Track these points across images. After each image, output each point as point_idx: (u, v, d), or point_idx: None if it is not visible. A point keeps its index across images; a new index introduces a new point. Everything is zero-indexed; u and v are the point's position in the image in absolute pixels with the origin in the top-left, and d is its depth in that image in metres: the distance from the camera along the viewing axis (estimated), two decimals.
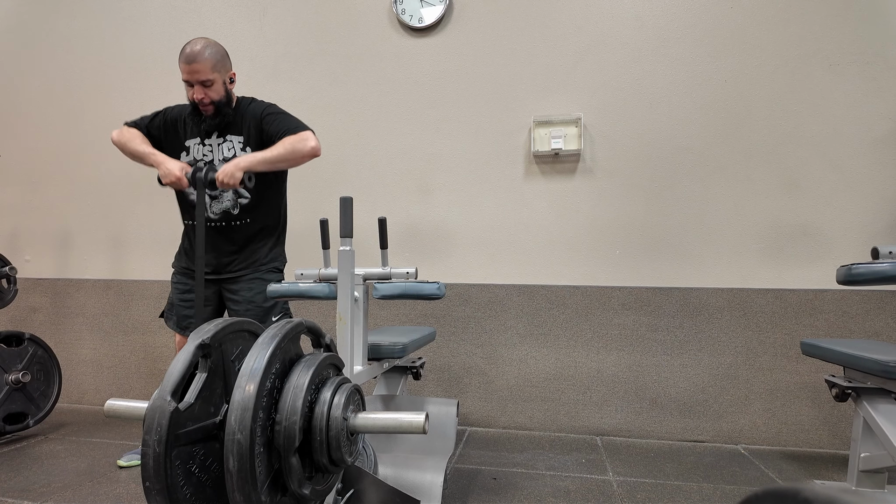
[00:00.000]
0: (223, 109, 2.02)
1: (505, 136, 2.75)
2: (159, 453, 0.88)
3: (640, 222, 2.61)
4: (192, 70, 1.92)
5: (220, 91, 1.98)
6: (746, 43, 2.54)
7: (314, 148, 1.98)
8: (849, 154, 2.45)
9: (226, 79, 2.01)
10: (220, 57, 1.98)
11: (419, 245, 2.81)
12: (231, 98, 2.05)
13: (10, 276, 2.59)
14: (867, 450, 1.71)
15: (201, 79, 1.93)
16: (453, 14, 2.81)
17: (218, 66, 1.96)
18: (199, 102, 1.97)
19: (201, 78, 1.93)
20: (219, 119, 2.03)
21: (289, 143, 1.96)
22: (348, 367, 1.53)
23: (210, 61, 1.93)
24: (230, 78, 2.04)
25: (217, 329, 1.02)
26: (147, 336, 3.11)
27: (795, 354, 2.45)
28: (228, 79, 2.03)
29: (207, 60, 1.93)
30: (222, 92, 2.00)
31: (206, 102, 1.97)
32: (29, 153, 3.33)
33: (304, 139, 1.97)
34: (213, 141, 2.07)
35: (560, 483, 1.99)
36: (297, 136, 1.98)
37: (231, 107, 2.05)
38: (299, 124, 2.03)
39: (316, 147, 1.98)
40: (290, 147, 1.96)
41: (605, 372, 2.61)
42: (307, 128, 2.03)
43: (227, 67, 2.01)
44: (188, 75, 1.94)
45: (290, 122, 2.03)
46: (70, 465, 2.19)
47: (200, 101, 1.97)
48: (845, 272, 1.44)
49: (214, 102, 1.98)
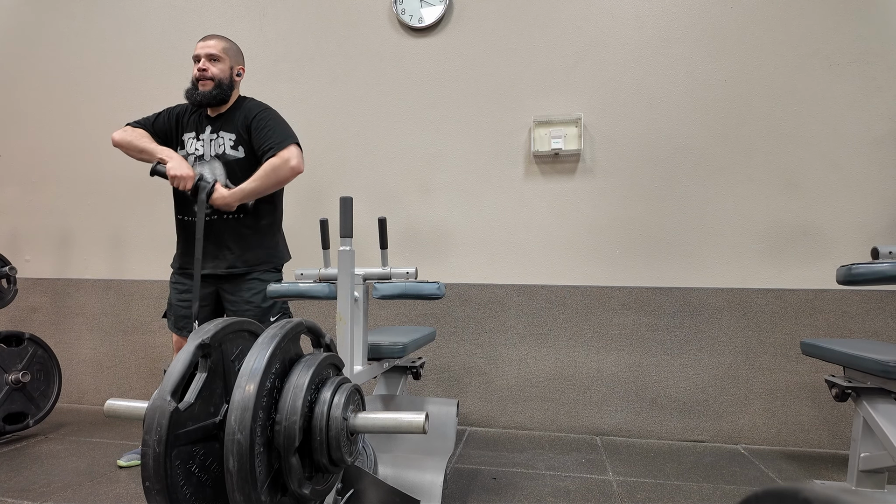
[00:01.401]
0: (221, 87, 2.05)
1: (505, 136, 2.75)
2: (159, 453, 0.88)
3: (640, 222, 2.61)
4: (204, 45, 2.06)
5: (224, 70, 2.06)
6: (746, 43, 2.54)
7: (294, 167, 2.01)
8: (849, 154, 2.45)
9: (233, 65, 2.09)
10: (234, 46, 2.12)
11: (419, 245, 2.81)
12: (233, 85, 2.10)
13: (10, 276, 2.59)
14: (867, 450, 1.71)
15: (209, 52, 2.04)
16: (453, 14, 2.81)
17: (229, 51, 2.08)
18: (201, 75, 2.03)
19: (210, 51, 2.04)
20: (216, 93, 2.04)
21: (270, 171, 1.99)
22: (348, 367, 1.53)
23: (223, 43, 2.08)
24: (238, 71, 2.12)
25: (217, 329, 1.02)
26: (147, 336, 3.11)
27: (795, 354, 2.45)
28: (236, 71, 2.11)
29: (222, 41, 2.09)
30: (227, 72, 2.07)
31: (207, 76, 2.03)
32: (29, 153, 3.33)
33: (285, 161, 1.99)
34: (207, 136, 2.09)
35: (560, 483, 1.99)
36: (278, 158, 1.99)
37: (230, 91, 2.09)
38: (284, 138, 2.03)
39: (296, 166, 2.01)
40: (271, 174, 2.00)
41: (605, 372, 2.61)
42: (292, 141, 2.04)
43: (237, 57, 2.13)
44: (199, 49, 2.05)
45: (274, 135, 2.03)
46: (70, 465, 2.19)
47: (202, 74, 2.03)
48: (845, 272, 1.44)
49: (214, 78, 2.04)
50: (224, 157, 2.07)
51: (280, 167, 1.99)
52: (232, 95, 2.10)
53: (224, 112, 2.10)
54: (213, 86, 2.03)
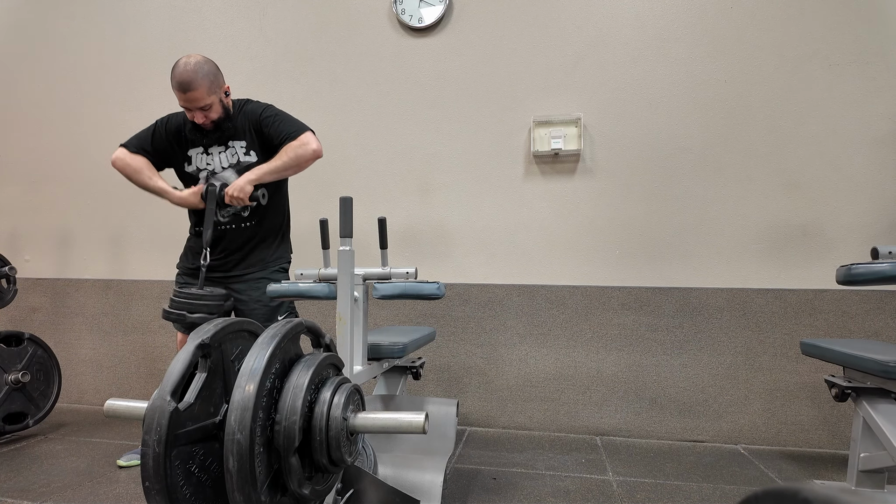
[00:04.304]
0: (223, 124, 2.04)
1: (505, 136, 2.75)
2: (159, 453, 0.88)
3: (640, 222, 2.61)
4: (188, 99, 1.93)
5: (218, 110, 2.00)
6: (746, 43, 2.54)
7: (316, 150, 2.01)
8: (849, 154, 2.45)
9: (221, 96, 2.01)
10: (213, 77, 1.96)
11: (419, 245, 2.81)
12: (229, 111, 2.06)
13: (10, 276, 2.59)
14: (867, 450, 1.71)
15: (199, 105, 1.94)
16: (453, 14, 2.81)
17: (213, 88, 1.96)
18: (202, 125, 2.00)
19: (199, 104, 1.94)
20: (219, 133, 2.05)
21: (291, 151, 1.99)
22: (348, 366, 1.53)
23: (205, 86, 1.92)
24: (226, 92, 2.04)
25: (217, 329, 1.02)
26: (147, 336, 3.11)
27: (795, 354, 2.45)
28: (224, 93, 2.03)
29: (202, 86, 1.92)
30: (220, 110, 2.01)
31: (207, 124, 2.00)
32: (29, 153, 3.33)
33: (305, 144, 1.99)
34: (216, 150, 2.09)
35: (560, 483, 1.99)
36: (297, 141, 2.00)
37: (230, 120, 2.06)
38: (299, 126, 2.04)
39: (318, 149, 2.01)
40: (293, 154, 1.99)
41: (605, 372, 2.61)
42: (306, 128, 2.04)
43: (221, 85, 2.01)
44: (186, 103, 1.95)
45: (289, 125, 2.04)
46: (70, 465, 2.19)
47: (202, 124, 2.00)
48: (845, 272, 1.44)
49: (214, 121, 2.01)
50: (238, 165, 2.07)
51: (300, 148, 1.99)
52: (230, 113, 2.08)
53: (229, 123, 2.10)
54: (216, 125, 2.02)
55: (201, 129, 2.04)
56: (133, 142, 2.12)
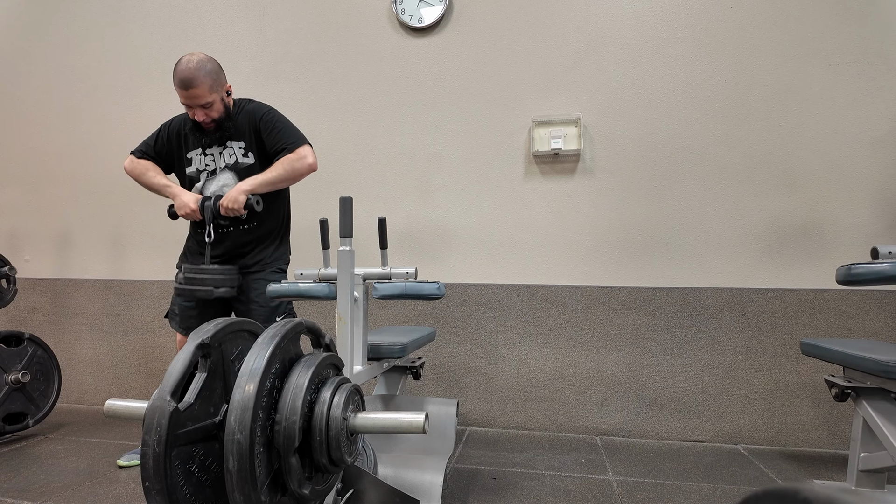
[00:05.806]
0: (224, 124, 2.04)
1: (505, 136, 2.75)
2: (159, 453, 0.88)
3: (640, 222, 2.61)
4: (189, 96, 1.93)
5: (219, 109, 2.01)
6: (746, 43, 2.54)
7: (312, 165, 2.03)
8: (849, 154, 2.45)
9: (223, 95, 2.01)
10: (215, 76, 1.96)
11: (419, 245, 2.81)
12: (230, 111, 2.07)
13: (10, 276, 2.59)
14: (867, 450, 1.71)
15: (200, 103, 1.95)
16: (453, 14, 2.81)
17: (215, 86, 1.96)
18: (202, 123, 2.00)
19: (200, 102, 1.95)
20: (220, 133, 2.05)
21: (288, 164, 2.01)
22: (348, 367, 1.53)
23: (206, 84, 1.93)
24: (227, 91, 2.05)
25: (217, 329, 1.02)
26: (147, 336, 3.11)
27: (795, 354, 2.45)
28: (225, 93, 2.03)
29: (204, 84, 1.92)
30: (222, 109, 2.02)
31: (209, 122, 2.00)
32: (29, 153, 3.33)
33: (302, 157, 2.02)
34: (215, 150, 2.10)
35: (560, 483, 1.99)
36: (295, 154, 2.02)
37: (231, 119, 2.06)
38: (297, 138, 2.05)
39: (313, 164, 2.04)
40: (289, 168, 2.01)
41: (605, 372, 2.61)
42: (304, 141, 2.06)
43: (222, 83, 2.01)
44: (187, 100, 1.95)
45: (287, 135, 2.05)
46: (70, 465, 2.19)
47: (203, 122, 2.00)
48: (845, 272, 1.44)
49: (216, 120, 2.01)
50: (236, 166, 2.08)
51: (297, 161, 2.01)
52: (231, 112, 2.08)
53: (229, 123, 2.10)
54: (217, 124, 2.03)
55: (201, 129, 2.04)
56: (140, 147, 2.18)
